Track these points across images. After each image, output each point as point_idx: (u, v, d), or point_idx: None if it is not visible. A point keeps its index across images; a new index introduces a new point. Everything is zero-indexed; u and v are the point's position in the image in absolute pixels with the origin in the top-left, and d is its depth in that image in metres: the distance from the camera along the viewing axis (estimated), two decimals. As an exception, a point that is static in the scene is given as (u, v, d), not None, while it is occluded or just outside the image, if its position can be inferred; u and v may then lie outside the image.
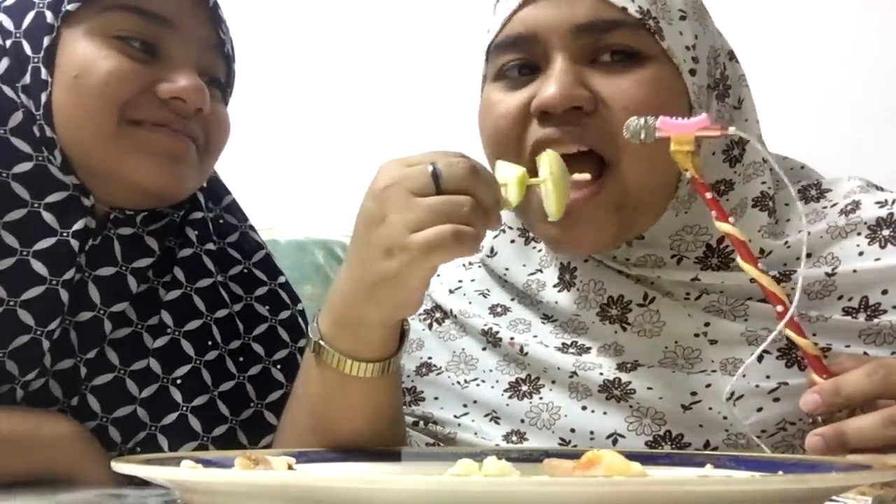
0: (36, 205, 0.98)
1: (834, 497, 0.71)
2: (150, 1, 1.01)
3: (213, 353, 1.06)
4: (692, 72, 0.98)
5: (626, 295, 1.02)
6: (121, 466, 0.72)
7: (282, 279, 1.16)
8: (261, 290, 1.13)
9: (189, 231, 1.09)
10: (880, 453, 0.81)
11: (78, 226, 0.99)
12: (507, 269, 1.11)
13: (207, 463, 0.76)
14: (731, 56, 1.05)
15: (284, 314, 1.13)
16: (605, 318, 1.02)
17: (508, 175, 0.88)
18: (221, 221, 1.15)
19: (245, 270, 1.13)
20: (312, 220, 1.72)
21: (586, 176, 0.91)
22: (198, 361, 1.05)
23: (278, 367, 1.10)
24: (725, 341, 0.99)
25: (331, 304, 0.91)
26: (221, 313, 1.09)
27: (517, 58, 0.98)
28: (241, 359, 1.09)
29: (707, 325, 0.99)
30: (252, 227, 1.17)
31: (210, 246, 1.11)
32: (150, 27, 1.01)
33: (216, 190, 1.15)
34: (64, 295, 0.98)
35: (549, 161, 0.90)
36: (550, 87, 0.94)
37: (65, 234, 0.99)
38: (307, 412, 0.95)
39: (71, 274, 0.98)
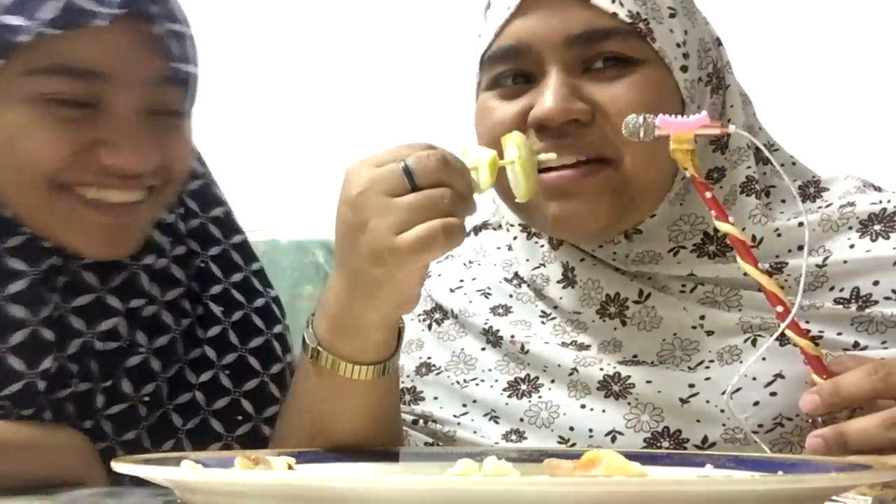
0: None
1: (834, 497, 0.71)
2: (80, 56, 0.92)
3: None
4: (683, 68, 0.99)
5: (622, 293, 1.02)
6: (121, 466, 0.72)
7: (273, 292, 1.15)
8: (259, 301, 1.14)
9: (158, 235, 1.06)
10: (881, 455, 0.82)
11: (44, 266, 0.97)
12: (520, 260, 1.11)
13: (207, 463, 0.77)
14: (719, 42, 1.06)
15: (277, 328, 1.13)
16: (603, 315, 1.03)
17: (479, 158, 0.88)
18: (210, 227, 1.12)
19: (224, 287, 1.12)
20: (312, 220, 1.71)
21: (552, 156, 0.92)
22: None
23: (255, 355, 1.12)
24: (722, 331, 0.99)
25: (326, 309, 0.91)
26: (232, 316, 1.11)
27: (511, 68, 0.99)
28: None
29: (703, 317, 1.00)
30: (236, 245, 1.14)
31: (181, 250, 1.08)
32: (84, 84, 0.92)
33: (207, 199, 1.12)
34: (48, 333, 0.96)
35: (515, 143, 0.91)
36: (547, 100, 0.95)
37: (36, 274, 0.96)
38: (306, 417, 0.95)
39: (48, 311, 0.96)
